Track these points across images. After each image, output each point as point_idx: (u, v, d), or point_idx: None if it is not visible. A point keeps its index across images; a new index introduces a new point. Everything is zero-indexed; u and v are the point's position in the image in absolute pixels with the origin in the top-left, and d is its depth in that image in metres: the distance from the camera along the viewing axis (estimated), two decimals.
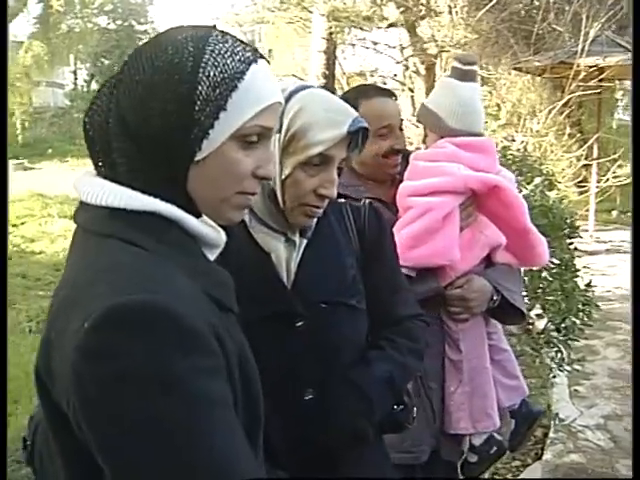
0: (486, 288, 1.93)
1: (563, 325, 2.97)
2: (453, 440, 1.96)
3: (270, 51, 12.09)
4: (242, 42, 0.91)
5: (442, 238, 1.85)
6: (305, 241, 1.33)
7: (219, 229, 0.97)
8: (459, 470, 2.05)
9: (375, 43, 8.15)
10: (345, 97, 2.02)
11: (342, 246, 1.38)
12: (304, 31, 8.25)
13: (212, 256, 0.95)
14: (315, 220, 1.34)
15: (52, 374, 0.80)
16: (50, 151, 16.85)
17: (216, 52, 0.86)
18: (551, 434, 3.49)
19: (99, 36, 21.74)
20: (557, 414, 3.40)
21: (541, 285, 3.02)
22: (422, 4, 7.37)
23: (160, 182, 0.86)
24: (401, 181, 1.97)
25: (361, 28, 6.71)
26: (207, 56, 0.85)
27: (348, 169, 1.96)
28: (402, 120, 1.95)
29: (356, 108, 1.91)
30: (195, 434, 0.73)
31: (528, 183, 3.43)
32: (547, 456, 3.33)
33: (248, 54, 0.89)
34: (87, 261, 0.84)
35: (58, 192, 12.05)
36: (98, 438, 0.74)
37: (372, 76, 8.53)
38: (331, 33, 6.80)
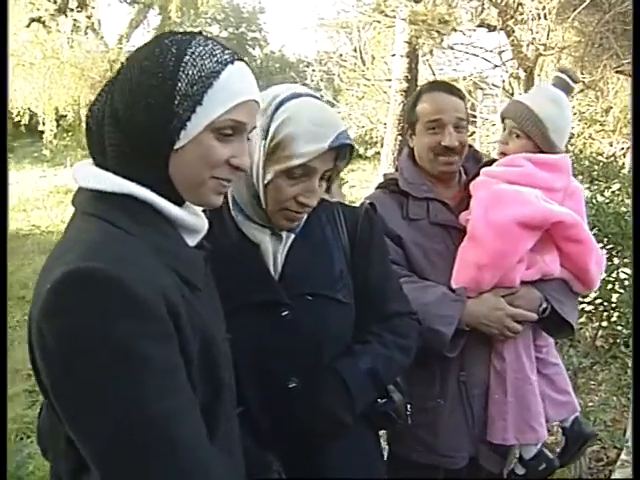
0: (534, 296, 1.87)
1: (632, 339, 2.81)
2: (495, 450, 1.92)
3: (373, 58, 12.08)
4: (223, 46, 1.03)
5: (512, 269, 1.82)
6: (292, 235, 1.38)
7: (200, 215, 1.08)
8: None
9: (463, 46, 7.99)
10: (416, 92, 2.05)
11: (330, 242, 1.43)
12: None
13: (191, 240, 1.05)
14: (302, 220, 1.38)
15: (32, 344, 0.90)
16: None
17: (196, 54, 0.98)
18: (623, 456, 3.32)
19: None
20: (626, 434, 3.23)
21: (610, 297, 2.88)
22: (520, 4, 7.16)
23: (143, 168, 0.97)
24: (468, 181, 1.94)
25: (438, 31, 6.60)
26: (187, 57, 0.97)
27: (412, 164, 2.00)
28: (461, 119, 1.89)
29: (416, 101, 1.96)
30: (132, 393, 0.83)
31: (606, 189, 3.28)
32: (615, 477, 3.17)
33: (226, 56, 1.00)
34: (67, 235, 0.97)
35: None
36: (53, 387, 0.85)
37: (465, 80, 8.37)
38: (414, 37, 6.73)
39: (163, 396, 0.85)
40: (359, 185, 13.63)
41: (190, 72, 0.96)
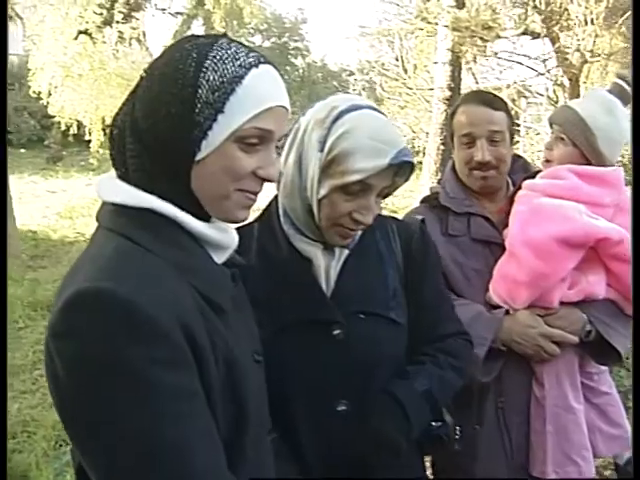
0: (576, 318, 1.75)
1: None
2: None
3: (415, 66, 12.03)
4: (248, 49, 0.96)
5: (551, 289, 1.73)
6: (346, 251, 1.33)
7: (228, 230, 1.01)
8: None
9: (502, 53, 7.87)
10: (455, 104, 2.00)
11: (385, 259, 1.37)
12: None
13: (219, 257, 0.99)
14: (355, 235, 1.33)
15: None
16: None
17: (217, 58, 0.92)
18: None
19: None
20: None
21: None
22: (566, 11, 7.03)
23: (164, 181, 0.92)
24: (513, 195, 1.86)
25: (481, 38, 6.49)
26: (208, 61, 0.91)
27: (455, 178, 1.93)
28: (496, 132, 1.81)
29: (453, 114, 1.91)
30: (142, 421, 0.78)
31: None
32: None
33: (250, 59, 0.93)
34: (86, 251, 0.94)
35: None
36: (62, 409, 0.83)
37: (507, 88, 8.24)
38: (457, 44, 6.64)
39: (176, 424, 0.80)
40: (401, 195, 13.46)
41: (211, 77, 0.90)
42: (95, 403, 0.79)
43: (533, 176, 1.87)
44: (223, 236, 0.99)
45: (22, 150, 16.51)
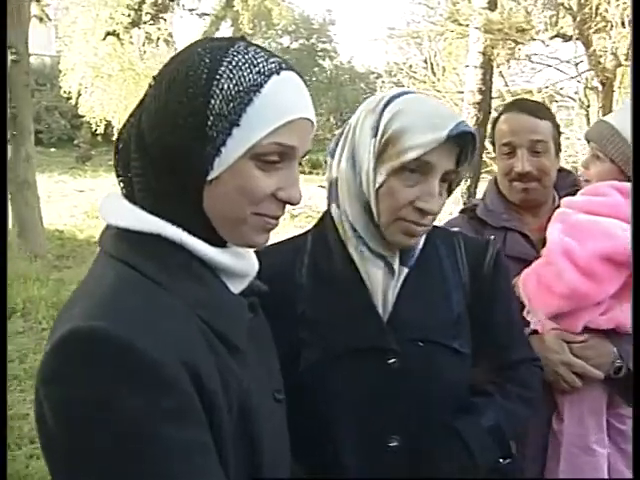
0: (605, 350, 1.60)
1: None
2: None
3: (444, 69, 11.93)
4: (268, 53, 0.85)
5: (583, 310, 1.58)
6: (406, 270, 1.20)
7: (247, 256, 0.91)
8: None
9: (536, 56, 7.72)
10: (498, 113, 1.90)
11: (449, 280, 1.24)
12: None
13: (236, 286, 0.88)
14: (419, 246, 1.22)
15: None
16: None
17: (233, 64, 0.81)
18: None
19: (281, 55, 22.89)
20: None
21: None
22: (600, 13, 6.87)
23: (173, 203, 0.82)
24: (553, 210, 1.72)
25: (514, 41, 6.35)
26: (223, 68, 0.80)
27: (496, 191, 1.84)
28: (539, 141, 1.70)
29: (495, 123, 1.81)
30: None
31: None
32: None
33: (271, 65, 0.82)
34: (85, 282, 0.83)
35: None
36: (52, 464, 0.74)
37: (539, 92, 8.08)
38: (489, 46, 6.51)
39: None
40: None
41: (226, 86, 0.79)
42: (87, 460, 0.70)
43: (574, 193, 1.75)
44: (240, 263, 0.88)
45: (52, 149, 16.76)
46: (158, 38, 12.29)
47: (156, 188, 0.83)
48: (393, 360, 1.15)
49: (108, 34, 11.53)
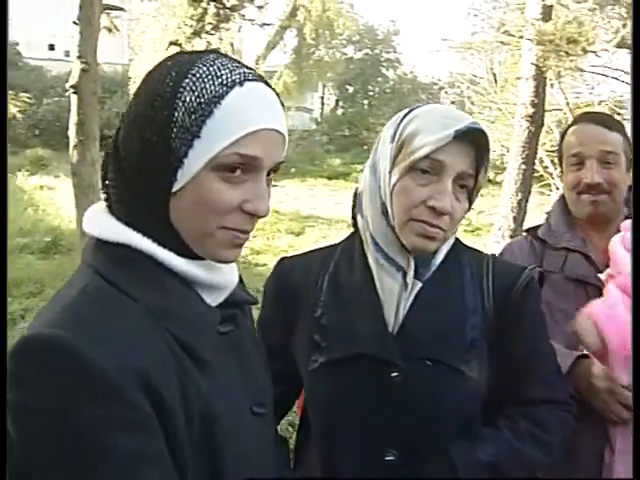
0: None
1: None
2: None
3: (506, 80, 11.76)
4: (237, 64, 0.86)
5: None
6: (419, 284, 1.19)
7: (222, 269, 0.90)
8: None
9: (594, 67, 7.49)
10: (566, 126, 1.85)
11: (468, 302, 1.20)
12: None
13: (212, 298, 0.89)
14: (437, 261, 1.21)
15: None
16: (293, 170, 17.72)
17: (197, 76, 0.82)
18: None
19: (345, 65, 23.10)
20: None
21: None
22: None
23: (143, 214, 0.84)
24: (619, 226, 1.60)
25: (566, 52, 6.17)
26: (187, 80, 0.82)
27: (561, 209, 1.77)
28: (609, 152, 1.63)
29: (563, 136, 1.75)
30: None
31: None
32: None
33: (235, 77, 0.83)
34: (59, 289, 0.86)
35: (291, 209, 13.00)
36: (11, 467, 0.74)
37: (600, 105, 7.86)
38: (541, 58, 6.35)
39: None
40: (487, 211, 13.21)
41: (188, 98, 0.81)
42: (40, 467, 0.71)
43: None
44: (213, 275, 0.88)
45: None
46: (219, 48, 12.61)
47: (128, 200, 0.85)
48: (396, 374, 1.14)
49: (171, 44, 11.89)
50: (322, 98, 26.45)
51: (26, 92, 14.22)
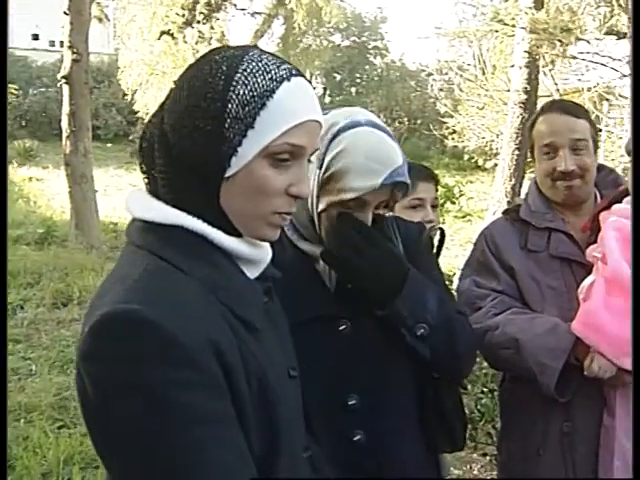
0: None
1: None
2: None
3: (495, 67, 11.82)
4: (280, 60, 0.93)
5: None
6: None
7: (260, 244, 0.98)
8: None
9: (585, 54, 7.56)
10: (534, 114, 1.93)
11: None
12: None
13: (252, 272, 0.97)
14: None
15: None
16: None
17: (248, 71, 0.89)
18: None
19: (333, 53, 23.06)
20: None
21: None
22: None
23: (193, 198, 0.90)
24: (598, 211, 1.73)
25: (560, 41, 6.27)
26: (239, 75, 0.88)
27: (537, 191, 1.85)
28: (579, 140, 1.74)
29: (533, 124, 1.84)
30: (166, 444, 0.78)
31: None
32: None
33: (282, 72, 0.90)
34: (115, 270, 0.92)
35: None
36: (91, 430, 0.83)
37: (589, 91, 7.96)
38: (534, 46, 6.44)
39: (204, 449, 0.79)
40: (477, 197, 13.33)
41: (241, 92, 0.87)
42: (122, 426, 0.78)
43: (620, 199, 1.71)
44: (255, 251, 0.96)
45: (109, 145, 17.26)
46: (211, 37, 12.60)
47: (178, 184, 0.91)
48: (343, 327, 1.29)
49: (163, 33, 11.88)
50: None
51: (12, 83, 14.09)
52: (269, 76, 0.89)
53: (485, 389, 3.57)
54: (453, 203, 11.52)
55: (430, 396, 1.38)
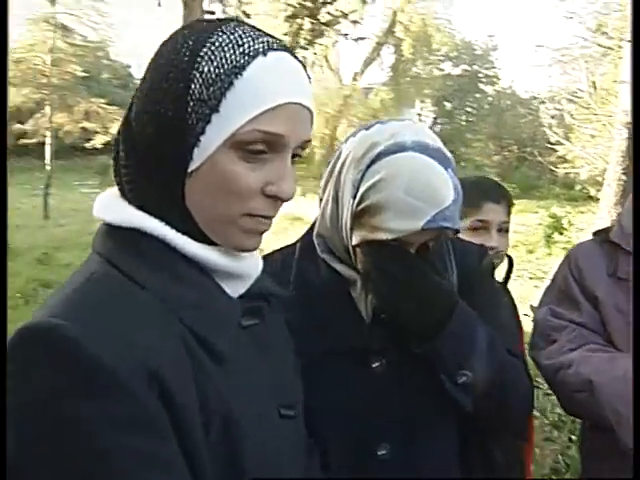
0: None
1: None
2: None
3: (608, 93, 11.44)
4: (261, 33, 0.76)
5: None
6: None
7: (244, 256, 0.82)
8: None
9: None
10: None
11: None
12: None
13: (233, 288, 0.80)
14: None
15: None
16: None
17: (216, 45, 0.73)
18: None
19: (443, 81, 23.03)
20: None
21: None
22: None
23: (156, 197, 0.75)
24: None
25: None
26: (205, 50, 0.72)
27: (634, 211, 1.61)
28: None
29: None
30: None
31: None
32: None
33: (258, 46, 0.74)
34: (67, 278, 0.78)
35: None
36: (10, 456, 0.65)
37: None
38: None
39: None
40: (587, 229, 12.76)
41: (206, 69, 0.72)
42: (36, 466, 0.63)
43: None
44: (234, 263, 0.79)
45: None
46: (313, 62, 12.91)
47: (140, 181, 0.76)
48: (377, 364, 1.10)
49: None
50: (419, 115, 26.42)
51: None
52: (240, 50, 0.73)
53: (573, 437, 3.17)
54: (561, 234, 11.15)
55: (475, 447, 1.17)
